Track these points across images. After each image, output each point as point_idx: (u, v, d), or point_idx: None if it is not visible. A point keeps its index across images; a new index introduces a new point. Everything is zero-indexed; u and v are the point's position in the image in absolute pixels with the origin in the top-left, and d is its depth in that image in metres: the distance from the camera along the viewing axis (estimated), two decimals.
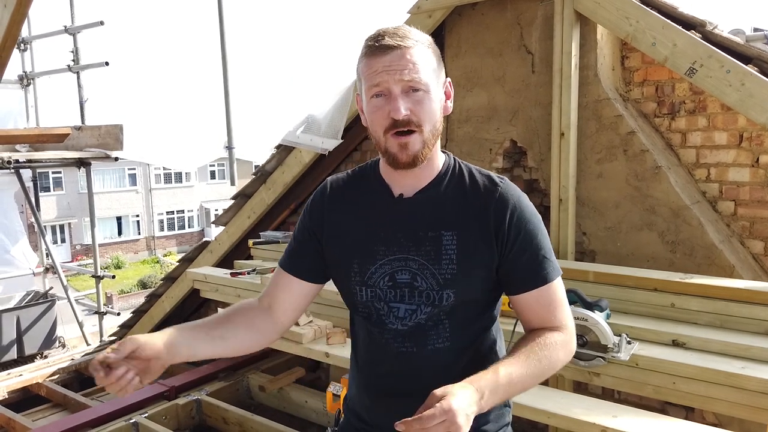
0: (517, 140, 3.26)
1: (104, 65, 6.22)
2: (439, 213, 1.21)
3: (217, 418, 3.78)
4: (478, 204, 1.21)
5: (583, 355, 2.16)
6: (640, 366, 2.06)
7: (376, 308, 1.23)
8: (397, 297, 1.21)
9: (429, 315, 1.20)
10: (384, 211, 1.25)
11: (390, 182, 1.26)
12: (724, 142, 2.81)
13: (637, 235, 2.87)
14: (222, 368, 4.26)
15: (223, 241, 4.67)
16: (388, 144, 1.15)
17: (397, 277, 1.21)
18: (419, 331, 1.21)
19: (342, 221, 1.28)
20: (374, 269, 1.22)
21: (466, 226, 1.20)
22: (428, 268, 1.19)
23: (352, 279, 1.25)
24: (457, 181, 1.24)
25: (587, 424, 1.83)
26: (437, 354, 1.22)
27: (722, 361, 1.97)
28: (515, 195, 1.22)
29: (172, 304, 4.98)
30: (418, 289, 1.20)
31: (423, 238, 1.20)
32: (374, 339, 1.25)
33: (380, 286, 1.22)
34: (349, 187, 1.31)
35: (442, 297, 1.19)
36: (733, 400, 1.88)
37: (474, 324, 1.25)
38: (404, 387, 1.23)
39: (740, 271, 2.57)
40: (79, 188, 23.60)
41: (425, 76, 1.14)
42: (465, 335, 1.24)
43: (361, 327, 1.29)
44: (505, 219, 1.19)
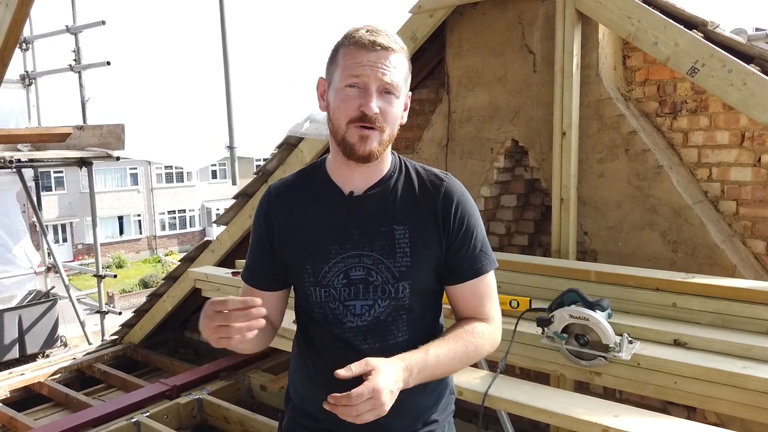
0: (518, 140, 3.26)
1: (106, 65, 6.24)
2: (390, 209, 1.25)
3: (218, 417, 3.79)
4: (426, 199, 1.25)
5: (585, 355, 2.16)
6: (641, 366, 2.06)
7: (331, 308, 1.25)
8: (351, 294, 1.24)
9: (387, 309, 1.23)
10: (335, 209, 1.26)
11: (338, 181, 1.28)
12: (725, 142, 2.81)
13: (638, 235, 2.86)
14: (223, 367, 4.27)
15: (224, 240, 4.67)
16: (348, 133, 1.18)
17: (352, 274, 1.23)
18: (379, 327, 1.24)
19: (291, 224, 1.28)
20: (328, 268, 1.24)
21: (417, 220, 1.24)
22: (383, 262, 1.22)
23: (306, 280, 1.26)
24: (405, 178, 1.28)
25: (589, 423, 1.83)
26: (398, 348, 1.23)
27: (724, 361, 1.97)
28: (459, 190, 1.28)
29: (173, 304, 4.98)
30: (374, 284, 1.23)
31: (376, 233, 1.23)
32: (335, 339, 1.26)
33: (334, 284, 1.24)
34: (294, 189, 1.32)
35: (398, 289, 1.22)
36: (734, 400, 1.88)
37: (428, 315, 1.31)
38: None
39: (742, 271, 2.57)
40: (81, 188, 23.63)
41: (400, 82, 1.19)
42: (421, 326, 1.29)
43: (319, 329, 1.29)
44: (450, 212, 1.25)
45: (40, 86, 6.81)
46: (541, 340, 2.24)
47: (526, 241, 3.48)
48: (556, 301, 2.29)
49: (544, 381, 2.54)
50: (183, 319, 5.50)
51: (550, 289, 2.54)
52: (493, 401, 2.08)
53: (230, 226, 4.62)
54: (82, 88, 6.32)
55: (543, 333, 2.26)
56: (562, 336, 2.21)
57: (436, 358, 1.17)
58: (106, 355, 5.15)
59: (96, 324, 6.47)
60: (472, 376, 2.20)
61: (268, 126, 6.03)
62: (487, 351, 1.27)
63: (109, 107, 6.50)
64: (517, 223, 3.52)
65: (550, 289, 2.52)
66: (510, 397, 2.02)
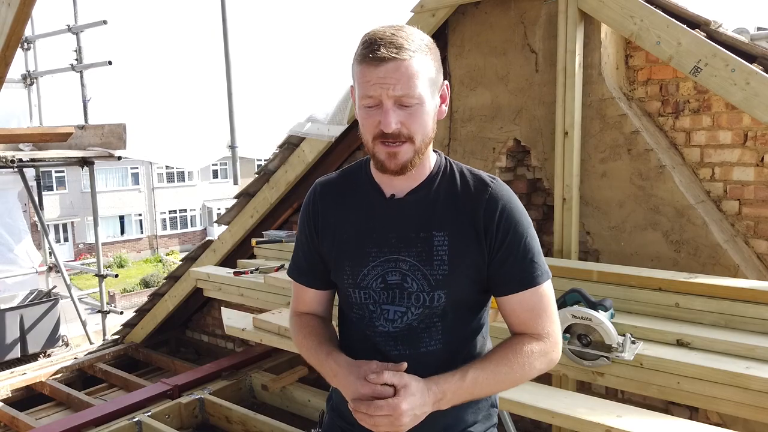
0: (520, 139, 3.26)
1: (107, 64, 6.24)
2: (431, 213, 1.21)
3: (220, 417, 3.79)
4: (469, 204, 1.20)
5: (587, 355, 2.16)
6: (644, 366, 2.05)
7: (369, 310, 1.23)
8: (388, 299, 1.21)
9: (420, 317, 1.20)
10: (375, 211, 1.24)
11: (381, 182, 1.25)
12: (728, 142, 2.80)
13: (641, 235, 2.86)
14: (225, 367, 4.27)
15: (226, 240, 4.67)
16: (377, 150, 1.15)
17: (388, 278, 1.21)
18: (411, 334, 1.21)
19: (334, 222, 1.27)
20: (366, 271, 1.22)
21: (458, 226, 1.19)
22: (419, 269, 1.19)
23: (345, 281, 1.25)
24: (448, 181, 1.23)
25: (591, 423, 1.83)
26: (430, 356, 1.21)
27: (727, 361, 1.96)
28: (506, 196, 1.22)
29: (175, 303, 4.98)
30: (408, 291, 1.20)
31: (414, 238, 1.20)
32: (367, 342, 1.24)
33: (373, 287, 1.22)
34: (339, 188, 1.30)
35: (433, 298, 1.18)
36: (737, 400, 1.87)
37: (466, 326, 1.25)
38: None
39: (745, 271, 2.56)
40: (82, 187, 23.66)
41: (419, 88, 1.11)
42: (457, 337, 1.24)
43: (355, 328, 1.28)
44: (494, 219, 1.19)
45: (41, 86, 6.82)
46: None
47: None
48: (559, 301, 2.28)
49: (546, 381, 2.54)
50: (184, 318, 5.50)
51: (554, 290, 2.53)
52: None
53: (232, 226, 4.62)
54: (84, 87, 6.33)
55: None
56: (565, 336, 2.20)
57: (474, 381, 1.13)
58: (107, 354, 5.15)
59: (97, 323, 6.48)
60: None
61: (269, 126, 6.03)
62: (539, 371, 1.20)
63: (110, 107, 6.50)
64: None
65: (553, 289, 2.51)
66: (512, 397, 2.02)
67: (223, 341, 5.35)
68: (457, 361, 1.20)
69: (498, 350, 1.18)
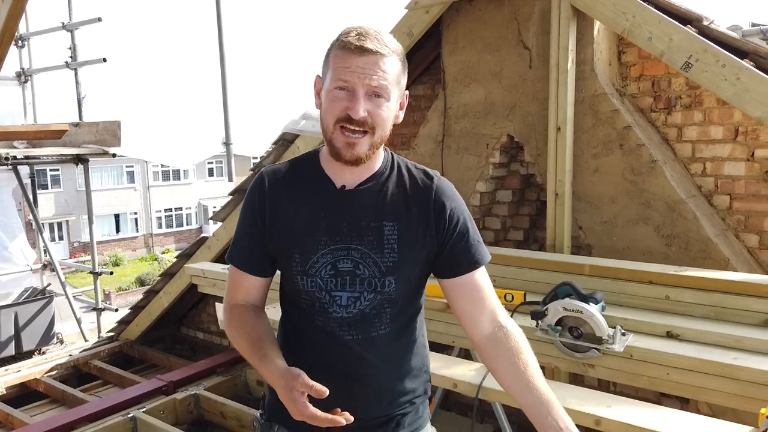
0: (514, 135, 3.27)
1: (102, 62, 6.23)
2: (381, 204, 1.27)
3: (215, 413, 3.79)
4: (417, 196, 1.28)
5: (579, 347, 2.18)
6: (634, 357, 2.07)
7: (317, 297, 1.27)
8: (338, 285, 1.26)
9: (372, 302, 1.26)
10: (326, 201, 1.28)
11: (331, 174, 1.29)
12: (719, 137, 2.82)
13: (633, 230, 2.88)
14: (220, 363, 4.28)
15: (220, 236, 4.67)
16: (335, 137, 1.20)
17: (339, 265, 1.26)
18: (364, 319, 1.27)
19: (282, 212, 1.30)
20: (316, 258, 1.26)
21: (407, 217, 1.27)
22: (371, 256, 1.25)
23: (293, 269, 1.28)
24: (396, 175, 1.31)
25: (582, 414, 1.85)
26: (380, 339, 1.29)
27: (716, 353, 1.98)
28: (450, 188, 1.33)
29: (170, 300, 4.98)
30: (360, 277, 1.25)
31: (366, 228, 1.26)
32: (319, 328, 1.29)
33: (321, 275, 1.26)
34: (288, 178, 1.33)
35: (384, 284, 1.25)
36: (726, 391, 1.89)
37: (410, 309, 1.35)
38: (350, 372, 1.29)
39: (735, 264, 2.59)
40: (77, 186, 23.59)
41: (391, 86, 1.20)
42: (403, 320, 1.33)
43: (305, 315, 1.31)
44: (445, 209, 1.28)
45: (36, 83, 6.80)
46: (536, 333, 2.25)
47: (521, 236, 3.49)
48: (550, 294, 2.30)
49: None
50: (180, 315, 5.50)
51: (544, 283, 2.55)
52: (487, 393, 2.10)
53: (227, 223, 4.62)
54: (78, 85, 6.32)
55: (537, 326, 2.27)
56: (556, 329, 2.22)
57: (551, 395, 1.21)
58: (102, 351, 5.15)
59: (92, 322, 6.48)
60: (467, 369, 2.22)
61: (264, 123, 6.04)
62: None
63: (105, 104, 6.51)
64: (513, 219, 3.53)
65: (545, 283, 2.53)
66: None
67: (218, 338, 5.35)
68: (401, 341, 1.33)
69: (520, 360, 1.24)
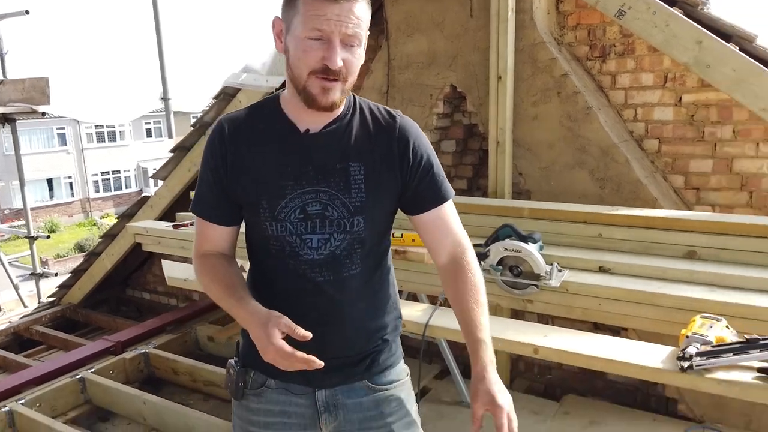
0: (456, 85, 3.31)
1: (24, 14, 5.83)
2: (345, 146, 1.27)
3: (166, 370, 3.79)
4: (381, 136, 1.29)
5: (518, 284, 2.29)
6: (569, 291, 2.20)
7: (288, 241, 1.27)
8: (308, 228, 1.26)
9: (342, 243, 1.27)
10: (291, 146, 1.27)
11: (294, 118, 1.28)
12: (650, 83, 2.95)
13: (569, 174, 3.00)
14: (169, 322, 4.25)
15: (163, 195, 4.57)
16: (310, 84, 1.18)
17: (308, 209, 1.26)
18: (335, 260, 1.28)
19: (245, 158, 1.28)
20: (284, 203, 1.25)
21: (371, 157, 1.28)
22: (338, 197, 1.25)
23: (261, 215, 1.27)
24: (359, 116, 1.31)
25: (521, 344, 1.97)
26: (351, 280, 1.30)
27: (643, 283, 2.13)
28: (413, 126, 1.34)
29: (113, 262, 4.87)
30: (329, 218, 1.26)
31: (332, 170, 1.26)
32: (291, 271, 1.29)
33: (291, 219, 1.26)
34: (248, 124, 1.30)
35: (353, 223, 1.27)
36: (652, 317, 2.05)
37: (378, 248, 1.36)
38: (323, 314, 1.30)
39: (662, 204, 2.76)
40: (5, 150, 22.26)
41: (363, 31, 1.18)
42: (372, 260, 1.35)
43: (275, 261, 1.31)
44: (408, 147, 1.30)
45: None
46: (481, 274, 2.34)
47: (465, 185, 3.58)
48: (492, 237, 2.40)
49: None
50: (124, 277, 5.40)
51: (486, 227, 2.63)
52: (434, 331, 2.19)
53: (169, 181, 4.52)
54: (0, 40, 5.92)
55: (480, 266, 2.37)
56: (498, 268, 2.33)
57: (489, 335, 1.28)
58: (44, 317, 5.01)
59: (31, 290, 6.26)
60: (414, 309, 2.30)
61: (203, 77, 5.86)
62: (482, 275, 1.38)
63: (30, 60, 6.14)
64: (457, 168, 3.61)
65: (487, 227, 2.62)
66: (449, 326, 2.13)
67: (165, 298, 5.29)
68: (372, 279, 1.35)
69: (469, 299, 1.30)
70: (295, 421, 1.35)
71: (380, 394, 1.36)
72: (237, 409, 1.41)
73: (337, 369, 1.32)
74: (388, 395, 1.37)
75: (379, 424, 1.36)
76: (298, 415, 1.35)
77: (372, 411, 1.36)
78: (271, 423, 1.35)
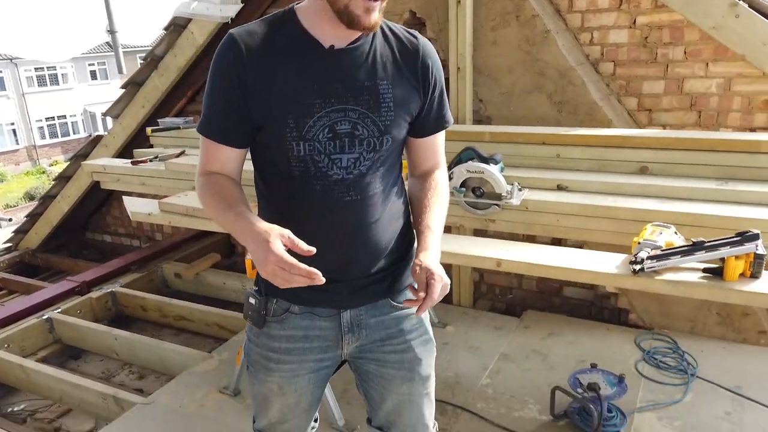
0: (416, 11, 3.27)
1: None
2: (372, 64, 1.25)
3: (135, 307, 3.81)
4: (405, 57, 1.29)
5: (480, 204, 2.37)
6: (530, 209, 2.29)
7: (315, 161, 1.24)
8: (337, 148, 1.24)
9: (370, 162, 1.27)
10: (316, 63, 1.22)
11: (316, 34, 1.23)
12: (606, 6, 2.97)
13: (528, 98, 3.05)
14: (133, 261, 4.23)
15: (117, 134, 4.44)
16: (353, 4, 1.15)
17: (337, 128, 1.23)
18: (362, 179, 1.27)
19: (267, 78, 1.22)
20: (312, 122, 1.21)
21: (398, 76, 1.27)
22: (369, 116, 1.24)
23: (288, 135, 1.22)
24: (381, 34, 1.28)
25: (484, 258, 2.06)
26: (376, 199, 1.30)
27: (599, 198, 2.24)
28: (432, 48, 1.34)
29: (69, 204, 4.77)
30: (359, 138, 1.24)
31: (361, 88, 1.23)
32: (317, 193, 1.26)
33: (319, 138, 1.22)
34: (266, 41, 1.24)
35: (382, 143, 1.26)
36: (607, 230, 2.17)
37: (396, 168, 1.37)
38: (348, 234, 1.29)
39: (617, 125, 2.85)
40: None
41: None
42: (392, 179, 1.35)
43: (298, 184, 1.27)
44: (430, 70, 1.30)
45: None
46: None
47: None
48: (455, 160, 2.45)
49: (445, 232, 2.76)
50: (82, 220, 5.30)
51: (449, 152, 2.67)
52: None
53: (122, 119, 4.39)
54: None
55: None
56: (461, 190, 2.39)
57: (439, 231, 1.32)
58: (1, 262, 4.91)
59: None
60: None
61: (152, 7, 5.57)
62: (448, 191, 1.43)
63: None
64: None
65: (449, 152, 2.65)
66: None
67: (127, 239, 5.24)
68: (393, 198, 1.35)
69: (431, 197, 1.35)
70: (317, 345, 1.36)
71: (401, 312, 1.39)
72: (256, 338, 1.40)
73: (363, 289, 1.34)
74: (408, 313, 1.40)
75: (399, 341, 1.40)
76: (320, 338, 1.36)
77: (393, 328, 1.39)
78: (292, 349, 1.36)
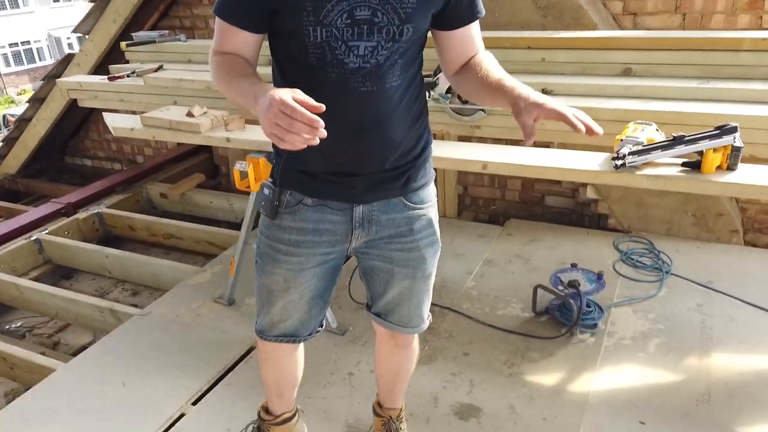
0: None
1: None
2: None
3: (123, 227, 3.83)
4: None
5: (466, 111, 2.38)
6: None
7: (331, 48, 1.20)
8: (355, 35, 1.19)
9: (389, 52, 1.23)
10: None
11: None
12: None
13: (512, 3, 2.99)
14: (117, 183, 4.21)
15: (89, 51, 4.29)
16: None
17: (356, 13, 1.18)
18: (379, 71, 1.24)
19: None
20: (330, 6, 1.17)
21: None
22: (389, 3, 1.19)
23: (305, 20, 1.18)
24: None
25: (470, 162, 2.10)
26: (393, 92, 1.26)
27: (582, 101, 2.26)
28: None
29: (46, 127, 4.67)
30: (378, 25, 1.19)
31: None
32: (333, 81, 1.23)
33: (337, 24, 1.18)
34: None
35: (402, 32, 1.21)
36: None
37: (416, 61, 1.32)
38: (363, 126, 1.26)
39: (602, 29, 2.82)
40: None
41: None
42: (412, 72, 1.31)
43: (314, 72, 1.24)
44: None
45: None
46: (428, 104, 2.41)
47: None
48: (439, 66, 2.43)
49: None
50: (61, 144, 5.21)
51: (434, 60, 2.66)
52: None
53: (93, 35, 4.22)
54: None
55: (429, 96, 2.42)
56: (446, 96, 2.39)
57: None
58: None
59: None
60: None
61: None
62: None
63: None
64: None
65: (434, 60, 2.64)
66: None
67: (108, 163, 5.18)
68: (411, 93, 1.32)
69: (495, 69, 1.33)
70: (326, 239, 1.37)
71: (413, 212, 1.40)
72: (267, 229, 1.41)
73: (378, 184, 1.33)
74: (420, 214, 1.41)
75: (408, 239, 1.41)
76: (330, 232, 1.36)
77: (403, 227, 1.40)
78: (301, 241, 1.36)
